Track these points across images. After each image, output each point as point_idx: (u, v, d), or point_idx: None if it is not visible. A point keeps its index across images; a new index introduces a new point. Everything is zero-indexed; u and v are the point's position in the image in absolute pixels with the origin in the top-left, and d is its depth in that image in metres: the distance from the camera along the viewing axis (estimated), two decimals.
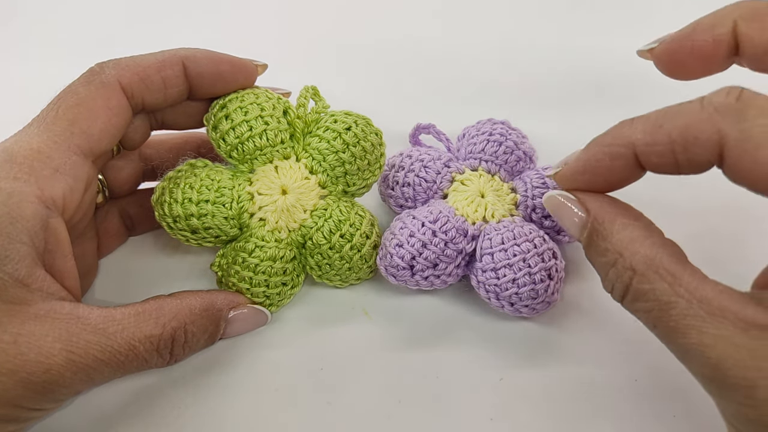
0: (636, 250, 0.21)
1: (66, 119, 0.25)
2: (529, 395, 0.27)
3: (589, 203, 0.23)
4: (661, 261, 0.20)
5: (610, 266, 0.22)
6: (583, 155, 0.23)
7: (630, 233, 0.22)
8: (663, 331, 0.20)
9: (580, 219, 0.23)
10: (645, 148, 0.21)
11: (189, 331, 0.25)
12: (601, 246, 0.22)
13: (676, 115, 0.20)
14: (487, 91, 0.43)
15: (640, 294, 0.21)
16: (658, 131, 0.21)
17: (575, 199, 0.24)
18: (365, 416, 0.27)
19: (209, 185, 0.28)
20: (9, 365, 0.20)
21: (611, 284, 0.22)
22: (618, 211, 0.23)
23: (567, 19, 0.49)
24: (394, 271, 0.29)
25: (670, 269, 0.20)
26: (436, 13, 0.50)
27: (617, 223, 0.22)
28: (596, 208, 0.23)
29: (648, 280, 0.20)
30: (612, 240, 0.22)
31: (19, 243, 0.22)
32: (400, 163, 0.32)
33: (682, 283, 0.20)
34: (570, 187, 0.24)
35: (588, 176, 0.23)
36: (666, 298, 0.20)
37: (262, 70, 0.30)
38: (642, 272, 0.21)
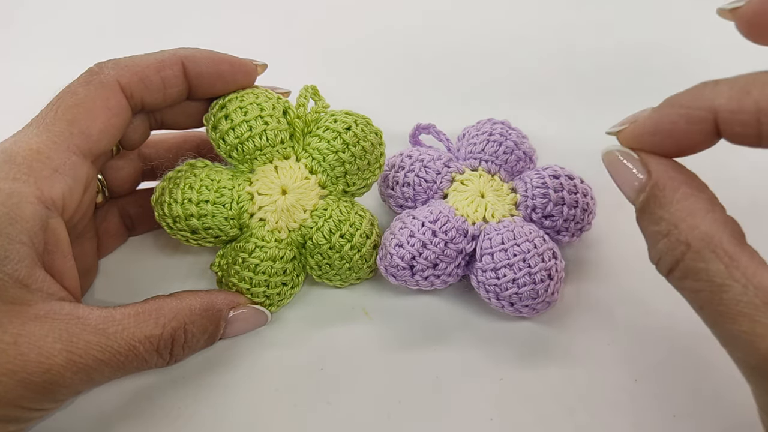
0: (695, 224, 0.20)
1: (65, 120, 0.25)
2: (529, 395, 0.27)
3: (652, 165, 0.22)
4: (721, 240, 0.19)
5: (662, 236, 0.20)
6: (656, 115, 0.22)
7: (691, 204, 0.20)
8: (710, 314, 0.19)
9: (639, 181, 0.22)
10: (728, 115, 0.19)
11: (189, 331, 0.25)
12: (656, 213, 0.21)
13: (766, 83, 0.19)
14: (487, 91, 0.43)
15: (691, 272, 0.20)
16: (745, 98, 0.19)
17: (637, 158, 0.22)
18: (365, 416, 0.27)
19: (209, 185, 0.28)
20: (9, 366, 0.20)
21: (659, 255, 0.21)
22: (683, 179, 0.21)
23: (567, 20, 0.49)
24: (394, 271, 0.29)
25: (729, 250, 0.19)
26: (436, 13, 0.50)
27: (679, 192, 0.20)
28: (659, 172, 0.21)
29: (703, 258, 0.19)
30: (670, 209, 0.20)
31: (19, 243, 0.22)
32: (400, 163, 0.32)
33: (740, 267, 0.19)
34: (633, 146, 0.22)
35: (658, 138, 0.22)
36: (720, 280, 0.19)
37: (261, 69, 0.30)
38: (697, 249, 0.19)
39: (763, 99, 0.19)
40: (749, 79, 0.19)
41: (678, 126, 0.21)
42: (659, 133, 0.21)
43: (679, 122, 0.21)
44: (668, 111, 0.21)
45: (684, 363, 0.28)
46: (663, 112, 0.21)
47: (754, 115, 0.19)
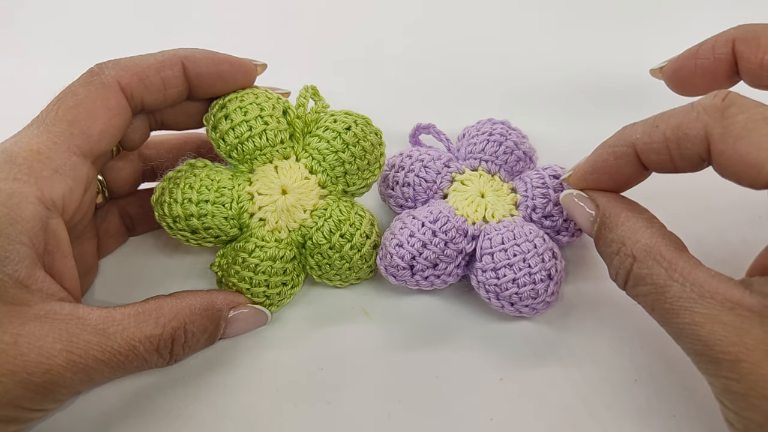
0: (637, 239, 0.23)
1: (65, 120, 0.25)
2: (529, 395, 0.27)
3: (598, 200, 0.26)
4: (659, 248, 0.23)
5: (614, 255, 0.24)
6: (591, 157, 0.26)
7: (633, 224, 0.24)
8: (660, 313, 0.22)
9: (591, 215, 0.26)
10: (644, 147, 0.24)
11: (189, 330, 0.25)
12: (608, 237, 0.25)
13: (670, 117, 0.23)
14: (487, 92, 0.43)
15: (639, 278, 0.23)
16: (654, 131, 0.23)
17: (586, 196, 0.27)
18: (365, 416, 0.27)
19: (209, 185, 0.28)
20: (9, 366, 0.20)
21: (615, 271, 0.24)
22: (623, 206, 0.25)
23: (567, 20, 0.49)
24: (394, 271, 0.29)
25: (667, 256, 0.22)
26: (436, 13, 0.50)
27: (622, 216, 0.24)
28: (604, 203, 0.26)
29: (646, 266, 0.23)
30: (617, 231, 0.24)
31: (19, 244, 0.22)
32: (400, 163, 0.32)
33: (677, 269, 0.22)
34: (581, 187, 0.27)
35: (596, 175, 0.26)
36: (662, 281, 0.22)
37: (261, 69, 0.30)
38: (641, 258, 0.23)
39: (668, 129, 0.23)
40: (657, 116, 0.24)
41: (609, 162, 0.25)
42: (596, 171, 0.26)
43: (609, 159, 0.25)
44: (600, 151, 0.26)
45: (684, 363, 0.28)
46: (596, 153, 0.26)
47: (664, 144, 0.23)
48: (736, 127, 0.21)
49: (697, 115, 0.22)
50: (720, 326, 0.20)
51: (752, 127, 0.21)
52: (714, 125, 0.21)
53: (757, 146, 0.20)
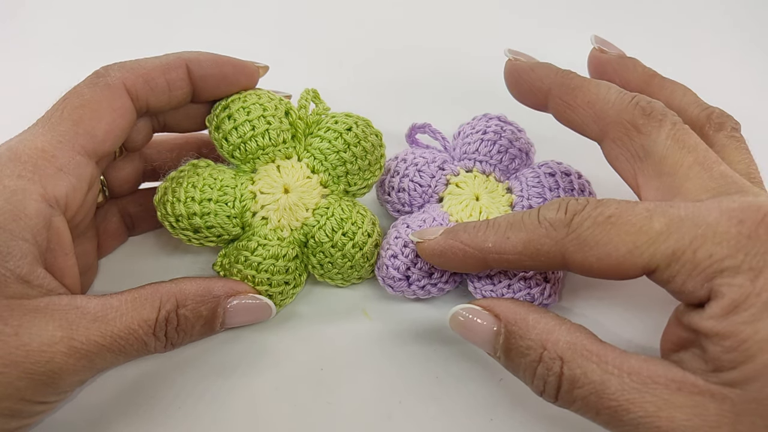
0: (557, 338, 0.21)
1: (71, 120, 0.25)
2: (529, 395, 0.27)
3: (497, 308, 0.24)
4: (583, 343, 0.21)
5: (536, 363, 0.22)
6: (443, 242, 0.26)
7: (545, 325, 0.22)
8: (607, 413, 0.20)
9: (492, 328, 0.24)
10: (496, 257, 0.24)
11: (181, 315, 0.25)
12: (522, 345, 0.22)
13: (519, 229, 0.23)
14: (487, 92, 0.43)
15: (573, 380, 0.21)
16: (506, 242, 0.23)
17: (480, 309, 0.24)
18: (365, 416, 0.27)
19: (212, 184, 0.28)
20: (12, 357, 0.20)
21: (542, 381, 0.22)
22: (526, 309, 0.23)
23: (567, 20, 0.50)
24: (390, 282, 0.29)
25: (593, 349, 0.21)
26: (436, 14, 0.50)
27: (530, 319, 0.23)
28: (505, 312, 0.23)
29: (578, 364, 0.21)
30: (531, 336, 0.22)
31: (22, 240, 0.22)
32: (395, 168, 0.32)
33: (608, 360, 0.20)
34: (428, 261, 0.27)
35: (443, 260, 0.26)
36: (599, 377, 0.20)
37: (263, 71, 0.30)
38: (569, 358, 0.21)
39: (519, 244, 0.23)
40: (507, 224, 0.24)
41: (457, 257, 0.25)
42: (444, 258, 0.26)
43: (457, 254, 0.25)
44: (451, 243, 0.25)
45: None
46: (448, 242, 0.25)
47: (517, 256, 0.23)
48: (585, 237, 0.21)
49: (546, 232, 0.22)
50: (677, 410, 0.19)
51: (600, 231, 0.21)
52: (565, 240, 0.22)
53: (613, 249, 0.21)
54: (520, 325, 0.23)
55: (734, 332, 0.19)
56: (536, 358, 0.22)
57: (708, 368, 0.19)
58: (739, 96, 0.38)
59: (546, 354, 0.22)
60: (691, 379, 0.19)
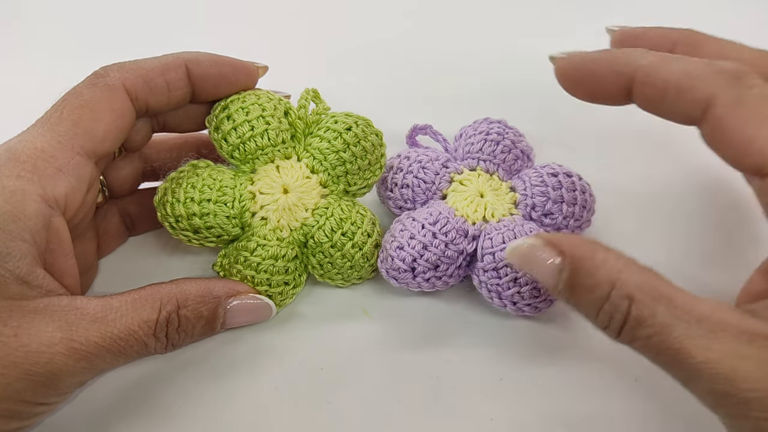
0: (627, 278, 0.21)
1: (70, 120, 0.25)
2: (529, 395, 0.27)
3: (561, 245, 0.22)
4: (654, 285, 0.20)
5: (603, 300, 0.21)
6: (590, 55, 0.24)
7: (614, 263, 0.21)
8: (667, 355, 0.20)
9: (556, 263, 0.22)
10: (645, 78, 0.23)
11: (182, 315, 0.25)
12: (587, 283, 0.21)
13: (685, 62, 0.22)
14: (486, 92, 0.43)
15: (640, 321, 0.20)
16: (663, 66, 0.22)
17: (543, 244, 0.23)
18: (365, 416, 0.27)
19: (211, 184, 0.28)
20: (12, 358, 0.20)
21: (608, 317, 0.21)
22: (594, 246, 0.22)
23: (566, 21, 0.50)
24: (395, 273, 0.29)
25: (664, 292, 0.20)
26: (436, 15, 0.50)
27: (598, 257, 0.21)
28: (571, 248, 0.22)
29: (647, 306, 0.20)
30: (599, 274, 0.21)
31: (21, 241, 0.22)
32: (398, 165, 0.32)
33: (678, 305, 0.20)
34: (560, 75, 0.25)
35: (581, 74, 0.25)
36: (667, 320, 0.20)
37: (263, 71, 0.30)
38: (639, 298, 0.20)
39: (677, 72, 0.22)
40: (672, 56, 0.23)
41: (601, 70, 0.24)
42: (584, 70, 0.24)
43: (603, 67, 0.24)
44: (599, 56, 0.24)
45: None
46: (596, 55, 0.24)
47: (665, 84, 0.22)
48: (745, 97, 0.20)
49: (712, 73, 0.21)
50: (741, 361, 0.18)
51: (760, 104, 0.20)
52: (724, 87, 0.20)
53: (757, 123, 0.19)
54: (588, 262, 0.21)
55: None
56: (603, 296, 0.21)
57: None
58: None
59: (614, 292, 0.21)
60: (763, 330, 0.19)
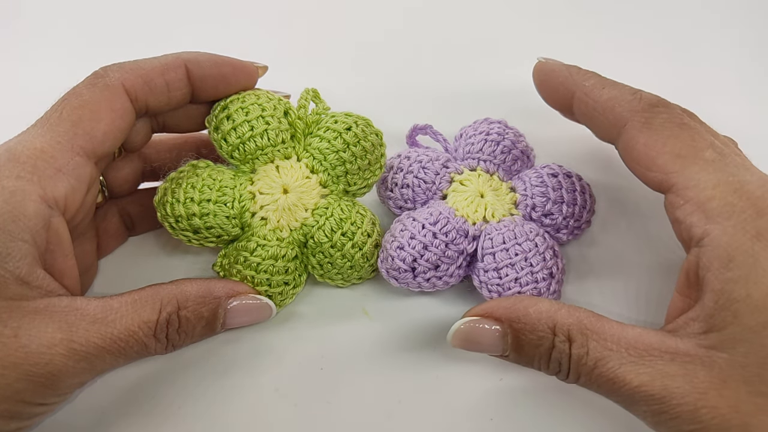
0: (562, 322, 0.22)
1: (70, 120, 0.25)
2: (529, 395, 0.27)
3: (495, 312, 0.24)
4: (583, 322, 0.22)
5: (550, 349, 0.23)
6: (555, 66, 0.29)
7: (547, 311, 0.23)
8: (606, 386, 0.21)
9: (498, 331, 0.24)
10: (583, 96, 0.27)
11: (183, 316, 0.25)
12: (533, 338, 0.23)
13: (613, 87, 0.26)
14: (486, 92, 0.43)
15: (579, 359, 0.22)
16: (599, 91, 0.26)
17: (478, 318, 0.24)
18: (365, 416, 0.27)
19: (211, 185, 0.28)
20: (11, 358, 0.20)
21: (557, 364, 0.23)
22: (522, 303, 0.24)
23: (565, 21, 0.50)
24: (395, 273, 0.29)
25: (593, 327, 0.22)
26: (436, 15, 0.50)
27: (532, 310, 0.23)
28: (504, 312, 0.24)
29: (581, 344, 0.22)
30: (539, 326, 0.23)
31: (21, 241, 0.22)
32: (399, 165, 0.32)
33: (607, 337, 0.22)
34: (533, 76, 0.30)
35: (545, 81, 0.29)
36: (599, 354, 0.21)
37: (262, 71, 0.30)
38: (574, 337, 0.22)
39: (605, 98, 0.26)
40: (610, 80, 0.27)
41: (557, 80, 0.28)
42: (546, 77, 0.29)
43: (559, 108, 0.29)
44: (561, 69, 0.28)
45: None
46: (558, 67, 0.29)
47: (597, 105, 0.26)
48: (653, 120, 0.23)
49: (631, 98, 0.25)
50: (669, 379, 0.20)
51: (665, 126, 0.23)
52: (638, 112, 0.24)
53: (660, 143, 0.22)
54: (525, 320, 0.23)
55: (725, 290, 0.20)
56: (550, 345, 0.23)
57: (702, 329, 0.21)
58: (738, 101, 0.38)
59: (557, 339, 0.22)
60: (684, 348, 0.20)
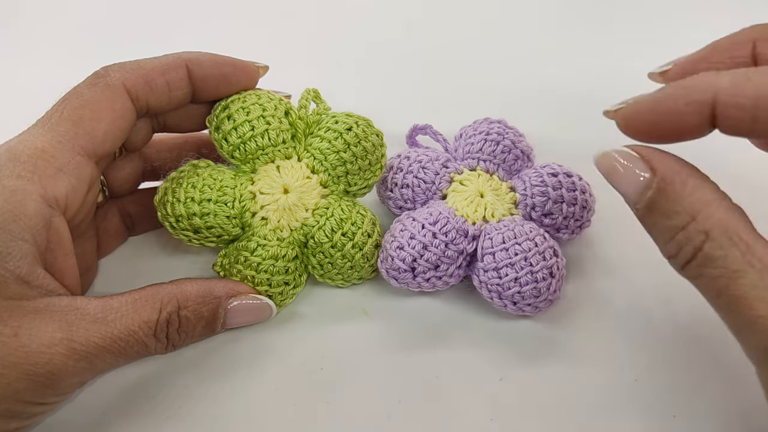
0: (710, 214, 0.20)
1: (70, 120, 0.25)
2: (529, 395, 0.27)
3: (655, 161, 0.21)
4: (737, 228, 0.20)
5: (678, 229, 0.20)
6: (658, 94, 0.22)
7: (703, 195, 0.20)
8: (727, 300, 0.19)
9: (644, 179, 0.21)
10: (728, 98, 0.20)
11: (183, 316, 0.25)
12: (669, 208, 0.21)
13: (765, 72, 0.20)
14: (485, 92, 0.43)
15: (710, 259, 0.20)
16: (746, 83, 0.20)
17: (638, 156, 0.22)
18: (365, 416, 0.27)
19: (211, 184, 0.28)
20: (12, 358, 0.20)
21: (678, 247, 0.21)
22: (688, 171, 0.21)
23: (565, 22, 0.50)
24: (395, 273, 0.29)
25: (745, 237, 0.19)
26: (436, 15, 0.50)
27: (689, 184, 0.21)
28: (664, 168, 0.21)
29: (721, 246, 0.19)
30: (684, 202, 0.20)
31: (21, 240, 0.22)
32: (398, 165, 0.32)
33: (756, 253, 0.19)
34: (628, 126, 0.23)
35: (654, 117, 0.22)
36: (737, 266, 0.19)
37: (263, 71, 0.30)
38: (716, 237, 0.20)
39: (763, 85, 0.19)
40: (750, 69, 0.20)
41: (677, 107, 0.21)
42: (656, 111, 0.22)
43: (678, 103, 0.21)
44: (670, 92, 0.21)
45: (684, 363, 0.28)
46: (665, 92, 0.22)
47: (753, 101, 0.19)
48: None
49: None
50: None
51: None
52: None
53: None
54: (676, 187, 0.21)
55: None
56: (680, 225, 0.20)
57: None
58: None
59: (693, 225, 0.20)
60: None
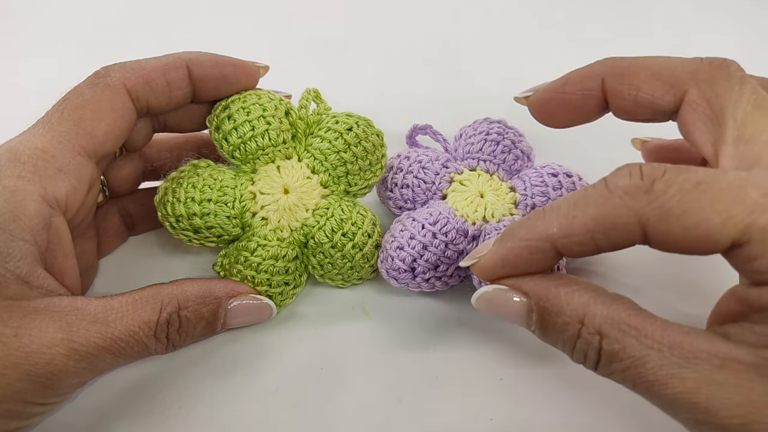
0: (594, 312, 0.20)
1: (71, 120, 0.25)
2: (529, 395, 0.27)
3: (524, 286, 0.22)
4: (621, 316, 0.20)
5: (575, 338, 0.21)
6: (500, 249, 0.23)
7: (579, 297, 0.21)
8: (644, 387, 0.20)
9: (522, 306, 0.22)
10: (564, 241, 0.21)
11: (183, 316, 0.25)
12: (557, 321, 0.21)
13: (586, 205, 0.21)
14: (486, 93, 0.43)
15: (612, 355, 0.20)
16: (573, 223, 0.21)
17: (507, 288, 0.23)
18: (365, 416, 0.27)
19: (212, 184, 0.28)
20: (12, 358, 0.20)
21: (583, 354, 0.21)
22: (556, 282, 0.22)
23: (565, 22, 0.50)
24: (395, 273, 0.29)
25: (633, 323, 0.20)
26: (436, 15, 0.50)
27: (562, 294, 0.21)
28: (533, 288, 0.22)
29: (617, 339, 0.20)
30: (566, 311, 0.21)
31: (22, 241, 0.22)
32: (398, 165, 0.32)
33: (648, 335, 0.20)
34: (489, 279, 0.24)
35: (508, 269, 0.23)
36: (638, 353, 0.19)
37: (264, 71, 0.30)
38: (608, 333, 0.20)
39: (590, 221, 0.20)
40: (570, 203, 0.21)
41: (522, 257, 0.22)
42: (507, 265, 0.23)
43: (522, 254, 0.22)
44: (511, 245, 0.22)
45: None
46: (506, 246, 0.23)
47: (588, 235, 0.20)
48: (672, 204, 0.19)
49: (621, 201, 0.20)
50: (717, 388, 0.18)
51: (689, 199, 0.19)
52: (646, 209, 0.19)
53: (705, 219, 0.19)
54: (553, 302, 0.21)
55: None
56: (574, 333, 0.21)
57: (758, 342, 0.18)
58: None
59: (584, 330, 0.21)
60: (737, 354, 0.18)
